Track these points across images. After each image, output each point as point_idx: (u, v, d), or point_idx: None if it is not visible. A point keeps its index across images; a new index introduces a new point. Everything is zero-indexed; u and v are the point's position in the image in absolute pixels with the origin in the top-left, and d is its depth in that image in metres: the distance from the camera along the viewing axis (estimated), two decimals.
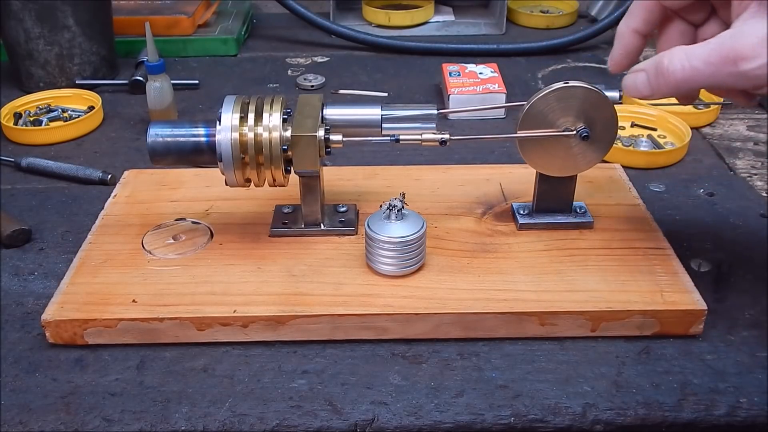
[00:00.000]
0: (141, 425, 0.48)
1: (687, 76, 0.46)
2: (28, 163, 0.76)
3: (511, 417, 0.48)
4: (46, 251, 0.64)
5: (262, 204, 0.65)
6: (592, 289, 0.55)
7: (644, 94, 0.49)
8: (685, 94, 0.50)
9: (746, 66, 0.43)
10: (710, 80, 0.45)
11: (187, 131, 0.57)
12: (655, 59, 0.48)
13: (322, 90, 0.97)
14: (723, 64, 0.44)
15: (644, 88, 0.49)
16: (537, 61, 1.05)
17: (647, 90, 0.49)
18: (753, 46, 0.43)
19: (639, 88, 0.49)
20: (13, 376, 0.52)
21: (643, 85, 0.49)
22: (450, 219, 0.63)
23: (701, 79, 0.45)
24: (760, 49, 0.42)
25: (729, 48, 0.44)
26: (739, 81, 0.44)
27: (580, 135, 0.57)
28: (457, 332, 0.54)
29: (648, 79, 0.48)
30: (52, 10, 0.90)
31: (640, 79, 0.49)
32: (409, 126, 0.59)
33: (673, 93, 0.48)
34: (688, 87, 0.46)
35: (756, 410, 0.49)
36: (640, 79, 0.49)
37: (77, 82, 0.94)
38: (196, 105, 0.93)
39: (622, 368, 0.52)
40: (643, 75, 0.49)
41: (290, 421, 0.48)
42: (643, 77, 0.49)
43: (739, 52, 0.43)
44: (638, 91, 0.49)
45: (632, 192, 0.67)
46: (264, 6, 1.25)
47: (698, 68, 0.45)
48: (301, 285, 0.56)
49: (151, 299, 0.54)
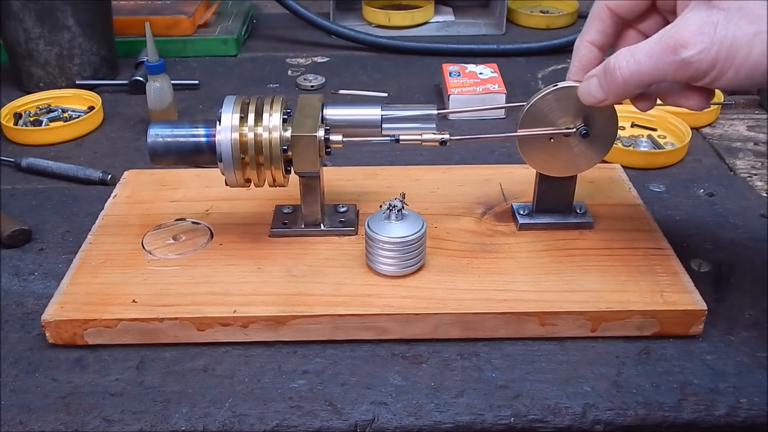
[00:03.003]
0: (141, 425, 0.48)
1: (633, 71, 0.46)
2: (28, 164, 0.76)
3: (511, 417, 0.48)
4: (46, 251, 0.64)
5: (262, 204, 0.65)
6: (592, 290, 0.55)
7: (598, 98, 0.50)
8: (637, 93, 0.50)
9: (686, 53, 0.44)
10: (654, 73, 0.46)
11: (187, 131, 0.57)
12: (603, 63, 0.49)
13: (322, 90, 0.97)
14: (664, 54, 0.45)
15: (597, 91, 0.50)
16: (537, 61, 1.05)
17: (600, 93, 0.50)
18: (692, 33, 0.44)
19: (592, 92, 0.50)
20: (13, 377, 0.52)
21: (596, 89, 0.50)
22: (450, 219, 0.63)
23: (646, 72, 0.46)
24: (699, 36, 0.43)
25: (669, 37, 0.45)
26: (680, 70, 0.45)
27: (580, 133, 0.57)
28: (457, 332, 0.54)
29: (599, 83, 0.49)
30: (52, 11, 0.90)
31: (592, 84, 0.50)
32: (409, 126, 0.59)
33: (624, 92, 0.48)
34: (636, 83, 0.47)
35: (756, 410, 0.49)
36: (593, 84, 0.50)
37: (77, 83, 0.94)
38: (196, 105, 0.93)
39: (622, 368, 0.52)
40: (594, 80, 0.50)
41: (290, 422, 0.48)
42: (594, 82, 0.50)
43: (678, 40, 0.44)
44: (592, 95, 0.50)
45: (632, 192, 0.67)
46: (264, 6, 1.25)
47: (641, 61, 0.46)
48: (301, 285, 0.56)
49: (151, 299, 0.54)
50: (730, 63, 0.43)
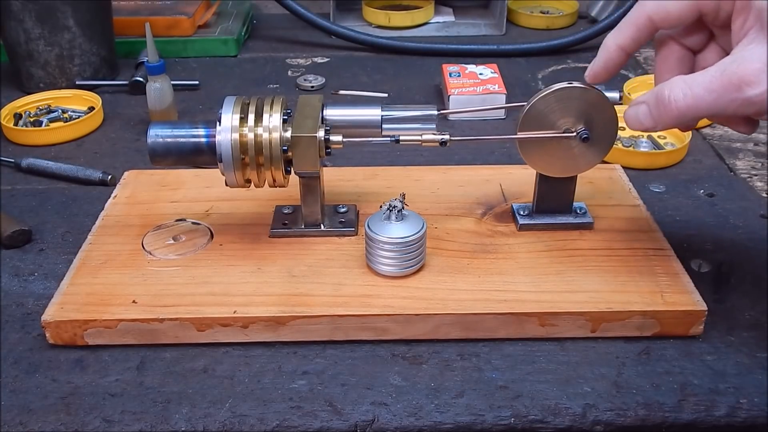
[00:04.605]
0: (141, 426, 0.48)
1: (689, 105, 0.45)
2: (28, 164, 0.76)
3: (512, 418, 0.48)
4: (47, 252, 0.64)
5: (262, 204, 0.65)
6: (592, 290, 0.55)
7: (647, 126, 0.48)
8: (687, 123, 0.49)
9: (751, 92, 0.42)
10: (713, 108, 0.44)
11: (187, 132, 0.57)
12: (654, 91, 0.47)
13: (322, 90, 0.97)
14: (726, 91, 0.43)
15: (646, 120, 0.48)
16: (537, 61, 1.05)
17: (650, 122, 0.48)
18: (756, 71, 0.42)
19: (641, 120, 0.48)
20: (13, 377, 0.52)
21: (645, 117, 0.48)
22: (450, 219, 0.63)
23: (704, 106, 0.44)
24: (763, 74, 0.42)
25: (731, 74, 0.43)
26: (742, 107, 0.43)
27: (581, 137, 0.57)
28: (458, 333, 0.54)
29: (650, 111, 0.47)
30: (52, 11, 0.90)
31: (641, 111, 0.48)
32: (409, 126, 0.59)
33: (676, 123, 0.47)
34: (691, 116, 0.45)
35: (756, 411, 0.49)
36: (642, 111, 0.48)
37: (77, 83, 0.94)
38: (196, 105, 0.93)
39: (622, 369, 0.52)
40: (644, 107, 0.48)
41: (290, 422, 0.48)
42: (644, 109, 0.48)
43: (742, 78, 0.42)
44: (641, 123, 0.48)
45: (632, 193, 0.67)
46: (264, 6, 1.25)
47: (700, 96, 0.44)
48: (301, 285, 0.56)
49: (151, 300, 0.54)
50: None
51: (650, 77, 0.94)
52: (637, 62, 1.05)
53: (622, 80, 0.95)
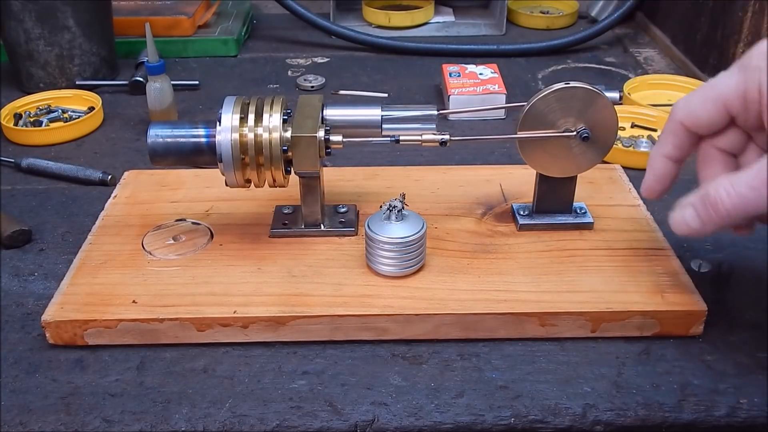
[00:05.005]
0: (141, 426, 0.48)
1: (735, 204, 0.45)
2: (28, 164, 0.76)
3: (512, 418, 0.48)
4: (47, 252, 0.64)
5: (262, 204, 0.65)
6: (593, 290, 0.55)
7: (695, 228, 0.47)
8: (738, 223, 0.48)
9: None
10: (760, 205, 0.44)
11: (187, 132, 0.57)
12: (699, 192, 0.47)
13: (322, 91, 0.97)
14: None
15: (694, 222, 0.47)
16: (537, 61, 1.05)
17: (698, 224, 0.47)
18: None
19: (689, 223, 0.48)
20: (13, 377, 0.52)
21: (692, 220, 0.47)
22: (450, 220, 0.63)
23: (750, 205, 0.44)
24: None
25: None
26: None
27: (581, 136, 0.57)
28: (458, 333, 0.54)
29: (697, 213, 0.47)
30: (52, 11, 0.90)
31: (688, 214, 0.47)
32: (409, 127, 0.59)
33: (724, 223, 0.46)
34: (739, 215, 0.45)
35: (756, 411, 0.49)
36: (689, 214, 0.47)
37: (77, 83, 0.94)
38: (196, 105, 0.93)
39: (622, 369, 0.52)
40: (690, 209, 0.47)
41: (290, 422, 0.48)
42: (691, 212, 0.47)
43: None
44: (689, 226, 0.48)
45: (632, 193, 0.67)
46: (264, 6, 1.25)
47: (745, 195, 0.44)
48: (301, 285, 0.56)
49: (151, 300, 0.54)
50: None
51: (650, 77, 0.94)
52: (637, 62, 1.05)
53: (622, 80, 0.95)
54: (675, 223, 0.49)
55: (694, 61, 0.98)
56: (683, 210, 0.48)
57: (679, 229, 0.48)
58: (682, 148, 0.51)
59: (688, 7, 1.00)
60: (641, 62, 1.05)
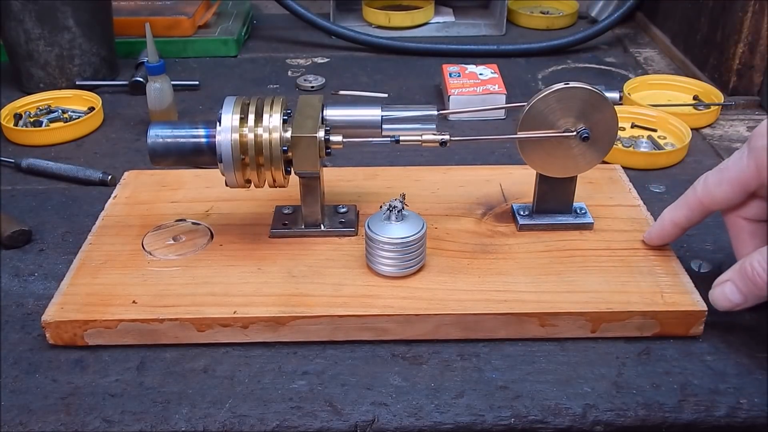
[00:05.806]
0: (141, 426, 0.48)
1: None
2: (28, 164, 0.76)
3: (512, 418, 0.48)
4: (47, 252, 0.64)
5: (262, 205, 0.65)
6: (593, 290, 0.55)
7: (737, 302, 0.49)
8: None
9: None
10: None
11: (187, 132, 0.57)
12: (736, 267, 0.49)
13: (322, 91, 0.97)
14: None
15: (735, 296, 0.49)
16: (537, 61, 1.05)
17: (740, 298, 0.49)
18: None
19: (730, 297, 0.49)
20: (13, 377, 0.52)
21: (733, 295, 0.49)
22: (450, 220, 0.63)
23: None
24: None
25: None
26: None
27: (581, 136, 0.57)
28: (458, 333, 0.54)
29: (737, 288, 0.49)
30: (52, 11, 0.90)
31: (728, 289, 0.49)
32: (409, 127, 0.59)
33: (764, 294, 0.48)
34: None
35: (756, 411, 0.49)
36: (729, 289, 0.49)
37: (77, 83, 0.94)
38: (196, 106, 0.93)
39: (622, 369, 0.52)
40: (730, 285, 0.49)
41: (290, 422, 0.48)
42: (731, 287, 0.49)
43: None
44: (730, 301, 0.49)
45: (632, 193, 0.67)
46: (264, 7, 1.25)
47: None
48: (301, 286, 0.56)
49: (151, 300, 0.54)
50: None
51: (650, 77, 0.94)
52: (637, 62, 1.05)
53: (622, 80, 0.95)
54: (716, 299, 0.50)
55: (694, 62, 0.98)
56: (723, 286, 0.50)
57: (721, 304, 0.50)
58: (692, 220, 0.55)
59: (688, 7, 1.00)
60: (641, 62, 1.05)
